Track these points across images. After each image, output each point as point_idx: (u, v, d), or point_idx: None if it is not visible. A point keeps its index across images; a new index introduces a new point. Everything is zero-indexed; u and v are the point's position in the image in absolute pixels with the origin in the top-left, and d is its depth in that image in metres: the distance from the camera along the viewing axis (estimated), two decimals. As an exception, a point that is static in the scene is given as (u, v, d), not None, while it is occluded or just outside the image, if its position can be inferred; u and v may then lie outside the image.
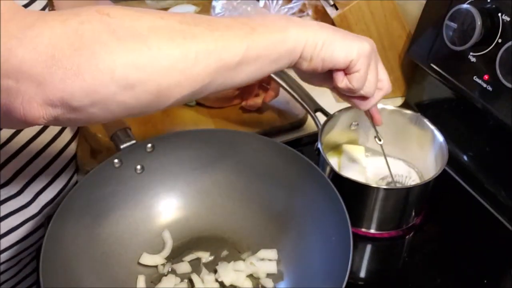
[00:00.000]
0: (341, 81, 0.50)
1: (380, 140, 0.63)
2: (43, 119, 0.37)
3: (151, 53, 0.38)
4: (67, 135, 0.68)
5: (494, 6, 0.62)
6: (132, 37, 0.38)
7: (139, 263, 0.59)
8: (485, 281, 0.59)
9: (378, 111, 0.60)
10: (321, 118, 0.68)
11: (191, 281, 0.58)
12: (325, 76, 0.52)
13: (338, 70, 0.50)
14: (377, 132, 0.62)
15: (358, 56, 0.48)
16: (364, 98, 0.54)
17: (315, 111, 0.69)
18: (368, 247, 0.65)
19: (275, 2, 0.95)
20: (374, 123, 0.61)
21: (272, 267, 0.58)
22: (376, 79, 0.52)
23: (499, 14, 0.61)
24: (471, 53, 0.66)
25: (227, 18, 0.46)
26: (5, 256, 0.65)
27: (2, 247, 0.64)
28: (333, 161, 0.70)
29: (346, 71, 0.50)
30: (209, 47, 0.41)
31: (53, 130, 0.65)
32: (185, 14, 0.42)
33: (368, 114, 0.60)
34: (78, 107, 0.37)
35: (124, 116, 0.42)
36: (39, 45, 0.35)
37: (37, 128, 0.63)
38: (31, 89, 0.35)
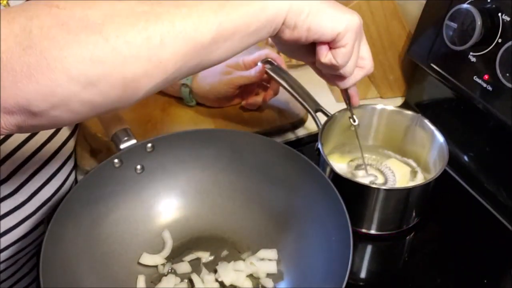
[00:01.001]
0: (325, 56, 0.47)
1: (354, 121, 0.63)
2: (2, 129, 0.35)
3: (109, 44, 0.34)
4: (65, 132, 0.68)
5: (494, 6, 0.62)
6: (85, 28, 0.34)
7: (139, 263, 0.59)
8: (485, 281, 0.59)
9: (357, 92, 0.58)
10: (322, 118, 0.68)
11: (191, 281, 0.58)
12: (307, 50, 0.49)
13: (322, 43, 0.46)
14: (352, 113, 0.62)
15: (346, 29, 0.45)
16: (342, 77, 0.51)
17: (316, 111, 0.69)
18: (369, 248, 0.65)
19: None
20: (351, 104, 0.59)
21: (272, 267, 0.58)
22: (357, 58, 0.49)
23: (499, 14, 0.61)
24: (471, 53, 0.66)
25: None
26: (3, 256, 0.65)
27: (1, 247, 0.64)
28: (334, 162, 0.70)
29: (332, 45, 0.46)
30: (176, 28, 0.37)
31: None
32: None
33: (346, 94, 0.58)
34: (38, 112, 0.35)
35: (93, 115, 0.38)
36: None
37: None
38: None
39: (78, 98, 0.35)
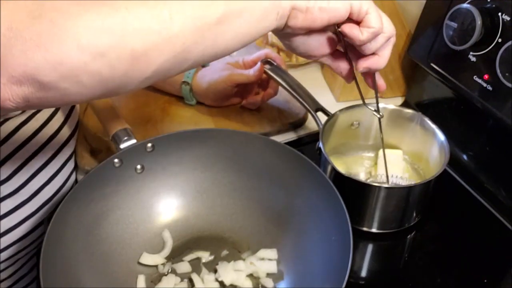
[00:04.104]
0: (361, 33, 0.46)
1: (379, 113, 0.61)
2: (9, 102, 0.35)
3: (119, 15, 0.36)
4: (66, 132, 0.68)
5: (494, 5, 0.62)
6: (96, 2, 0.35)
7: (139, 263, 0.59)
8: (485, 281, 0.59)
9: (380, 76, 0.57)
10: (322, 117, 0.68)
11: (191, 281, 0.58)
12: (320, 41, 0.49)
13: (346, 25, 0.46)
14: (378, 104, 0.60)
15: None
16: (371, 58, 0.51)
17: (316, 110, 0.69)
18: (370, 246, 0.65)
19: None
20: (378, 90, 0.57)
21: (272, 267, 0.58)
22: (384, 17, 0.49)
23: (499, 14, 0.61)
24: (471, 53, 0.66)
25: None
26: (2, 256, 0.65)
27: (1, 247, 0.64)
28: (334, 161, 0.70)
29: (356, 19, 0.46)
30: (185, 5, 0.38)
31: (53, 125, 0.65)
32: None
33: (373, 82, 0.56)
34: (47, 82, 0.35)
35: (102, 92, 0.38)
36: None
37: (37, 124, 0.62)
38: None
39: (87, 69, 0.35)
